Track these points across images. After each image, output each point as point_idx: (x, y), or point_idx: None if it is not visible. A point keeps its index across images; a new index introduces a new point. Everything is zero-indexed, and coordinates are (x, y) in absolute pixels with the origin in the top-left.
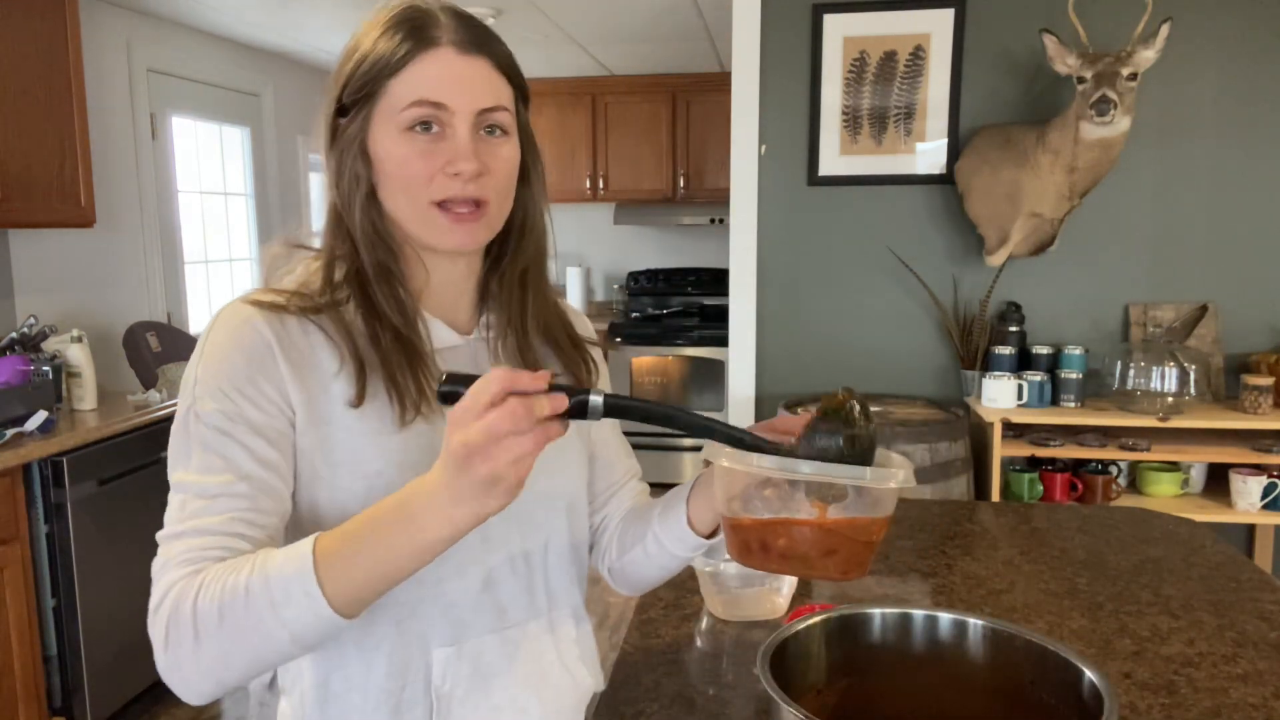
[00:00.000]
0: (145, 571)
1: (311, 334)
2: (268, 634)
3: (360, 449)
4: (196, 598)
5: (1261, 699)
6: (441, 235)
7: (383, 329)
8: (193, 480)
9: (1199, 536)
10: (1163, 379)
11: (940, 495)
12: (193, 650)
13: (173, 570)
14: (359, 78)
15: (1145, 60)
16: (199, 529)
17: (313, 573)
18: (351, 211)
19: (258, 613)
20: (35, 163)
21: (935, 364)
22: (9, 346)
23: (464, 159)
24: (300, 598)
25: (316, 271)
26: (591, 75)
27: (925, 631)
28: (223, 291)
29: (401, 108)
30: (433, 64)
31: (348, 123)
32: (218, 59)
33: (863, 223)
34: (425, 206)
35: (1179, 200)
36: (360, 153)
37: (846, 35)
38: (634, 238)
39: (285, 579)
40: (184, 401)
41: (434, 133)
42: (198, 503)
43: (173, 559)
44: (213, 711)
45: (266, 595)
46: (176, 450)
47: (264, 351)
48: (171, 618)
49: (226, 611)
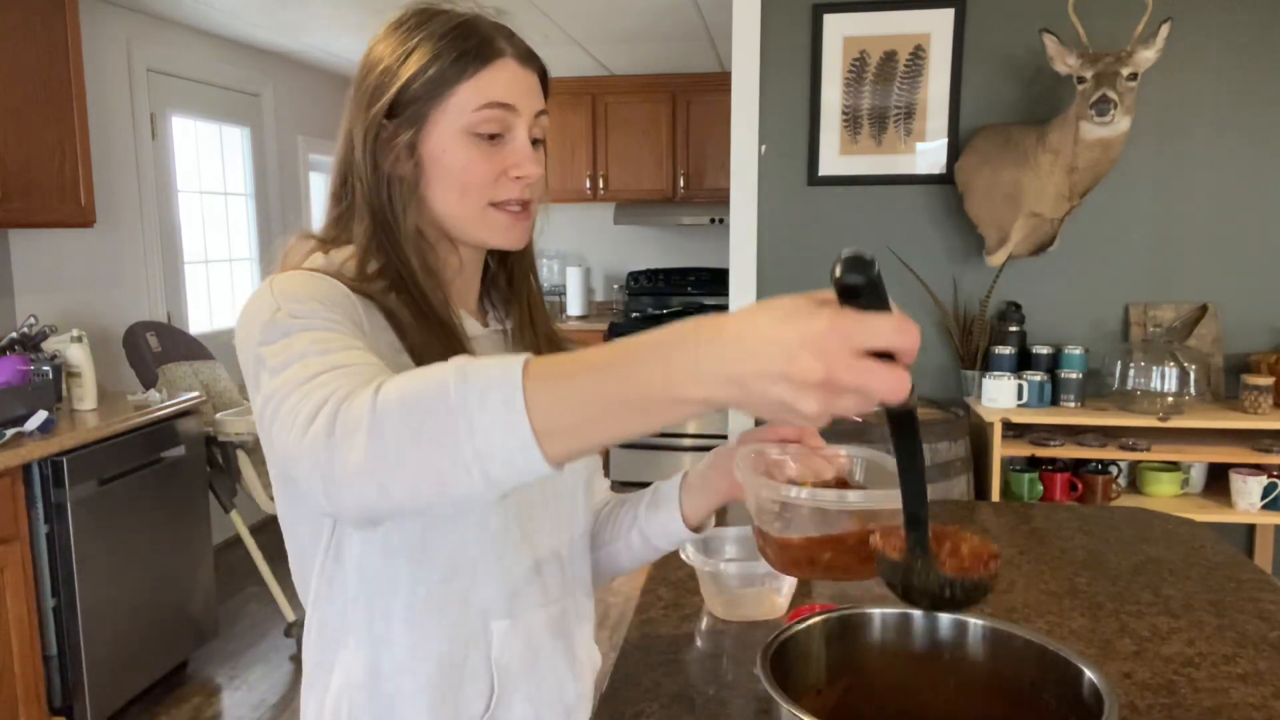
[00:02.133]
0: (145, 571)
1: (371, 308)
2: (454, 443)
3: None
4: (377, 396)
5: (1261, 699)
6: (500, 233)
7: (427, 316)
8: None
9: (1199, 536)
10: (1163, 379)
11: (940, 495)
12: (366, 439)
13: (333, 381)
14: (422, 80)
15: (1145, 60)
16: (346, 369)
17: (519, 379)
18: (397, 212)
19: (449, 421)
20: (35, 163)
21: (935, 364)
22: (9, 346)
23: (530, 163)
24: (499, 409)
25: (346, 263)
26: (591, 75)
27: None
28: (223, 291)
29: (472, 109)
30: (502, 71)
31: (398, 125)
32: (218, 59)
33: (863, 223)
34: (483, 207)
35: (1179, 200)
36: (409, 155)
37: (846, 35)
38: (634, 238)
39: (486, 378)
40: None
41: (495, 139)
42: (328, 350)
43: (326, 377)
44: (213, 711)
45: (462, 397)
46: (270, 339)
47: (346, 300)
48: (343, 409)
49: (410, 400)
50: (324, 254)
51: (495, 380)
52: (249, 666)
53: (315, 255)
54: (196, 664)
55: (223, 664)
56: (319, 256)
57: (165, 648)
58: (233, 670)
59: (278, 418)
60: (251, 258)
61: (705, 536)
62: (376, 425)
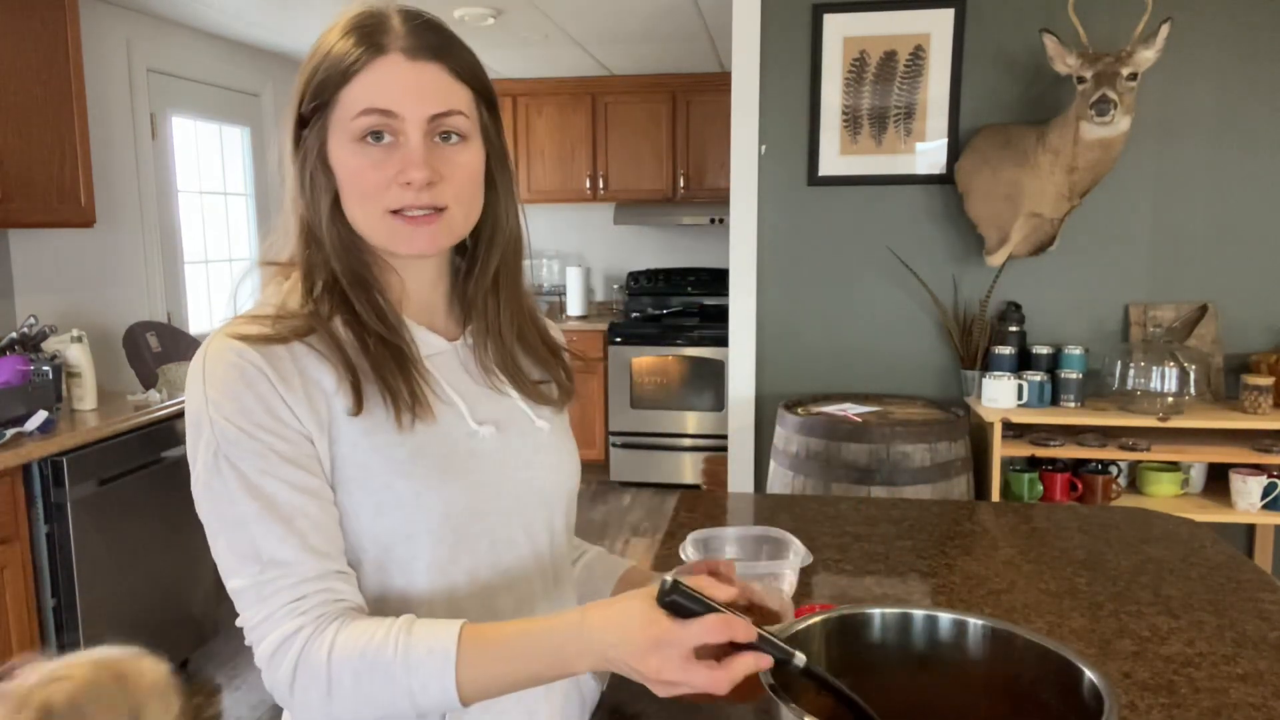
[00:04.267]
0: (145, 571)
1: (303, 356)
2: (397, 708)
3: (366, 461)
4: (331, 655)
5: (1261, 699)
6: (402, 241)
7: (369, 336)
8: (253, 524)
9: (1199, 536)
10: (1163, 379)
11: (940, 495)
12: (324, 701)
13: (288, 622)
14: (314, 87)
15: (1145, 60)
16: (286, 574)
17: (453, 673)
18: (319, 222)
19: (394, 692)
20: (35, 163)
21: (935, 364)
22: (9, 346)
23: (415, 167)
24: (436, 691)
25: (294, 285)
26: (591, 75)
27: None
28: (223, 292)
29: (352, 117)
30: (381, 71)
31: (308, 132)
32: (218, 59)
33: (863, 223)
34: (382, 215)
35: (1179, 200)
36: (321, 162)
37: (846, 35)
38: (634, 238)
39: (426, 674)
40: (204, 447)
41: (386, 142)
42: (268, 543)
43: (281, 613)
44: (213, 711)
45: (406, 682)
46: (216, 495)
47: (268, 388)
48: (300, 665)
49: (364, 680)
50: (284, 278)
51: (434, 675)
52: (249, 666)
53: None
54: (196, 664)
55: (223, 664)
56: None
57: (165, 648)
58: (233, 670)
59: (259, 628)
60: (251, 258)
61: (705, 536)
62: (335, 692)
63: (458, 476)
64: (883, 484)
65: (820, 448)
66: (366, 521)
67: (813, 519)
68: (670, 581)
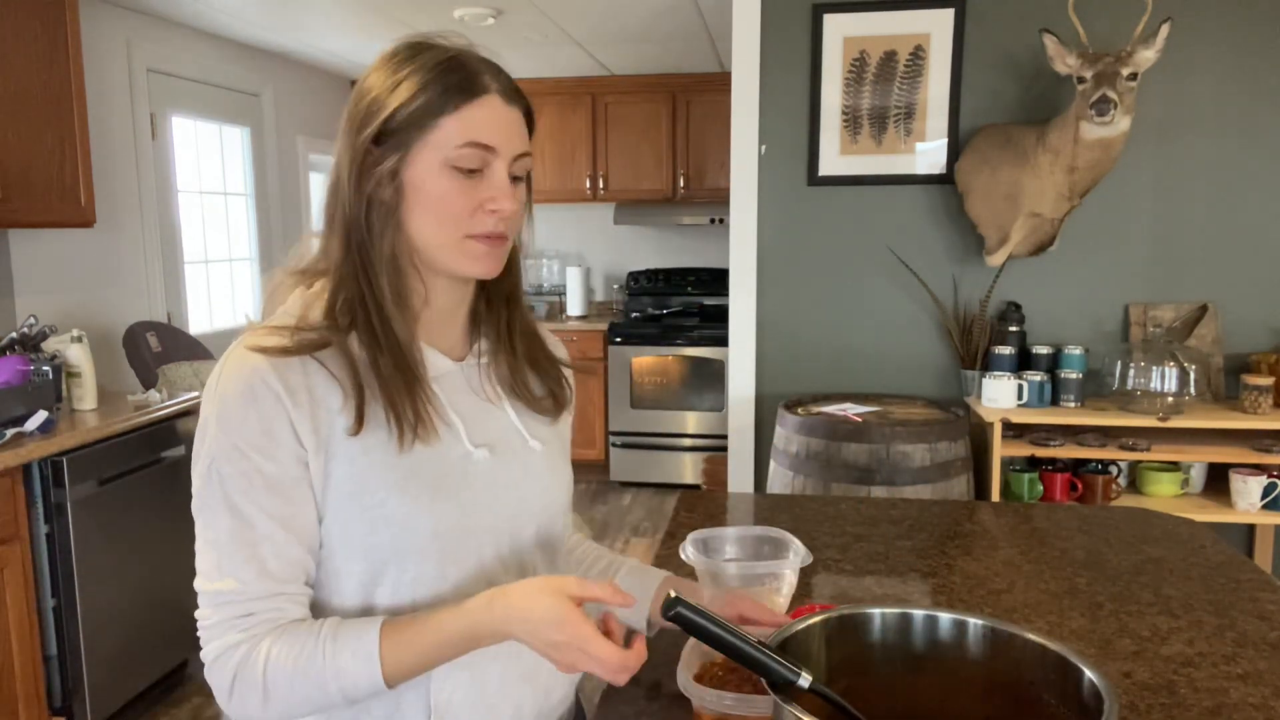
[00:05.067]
0: (145, 571)
1: (315, 372)
2: (329, 702)
3: (363, 478)
4: (266, 665)
5: (1261, 699)
6: (473, 262)
7: (383, 355)
8: (224, 540)
9: (1199, 536)
10: (1163, 379)
11: (940, 495)
12: (260, 706)
13: (230, 635)
14: (409, 110)
15: (1145, 60)
16: (242, 593)
17: (379, 667)
18: (375, 237)
19: (326, 692)
20: (35, 163)
21: (935, 364)
22: (9, 346)
23: (506, 199)
24: (365, 684)
25: (318, 296)
26: (591, 75)
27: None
28: (223, 291)
29: (455, 146)
30: (485, 108)
31: (384, 151)
32: (218, 59)
33: (863, 223)
34: (460, 238)
35: (1179, 200)
36: (392, 180)
37: (846, 35)
38: (634, 238)
39: (355, 673)
40: (204, 454)
41: (473, 173)
42: (232, 562)
43: (226, 624)
44: (213, 711)
45: (337, 685)
46: (204, 503)
47: (276, 405)
48: (239, 675)
49: (297, 687)
50: (299, 292)
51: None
52: None
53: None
54: (196, 664)
55: None
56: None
57: (165, 648)
58: None
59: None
60: (251, 258)
61: (704, 537)
62: (271, 698)
63: (449, 497)
64: (883, 484)
65: (820, 448)
66: (359, 538)
67: (813, 519)
68: (674, 597)
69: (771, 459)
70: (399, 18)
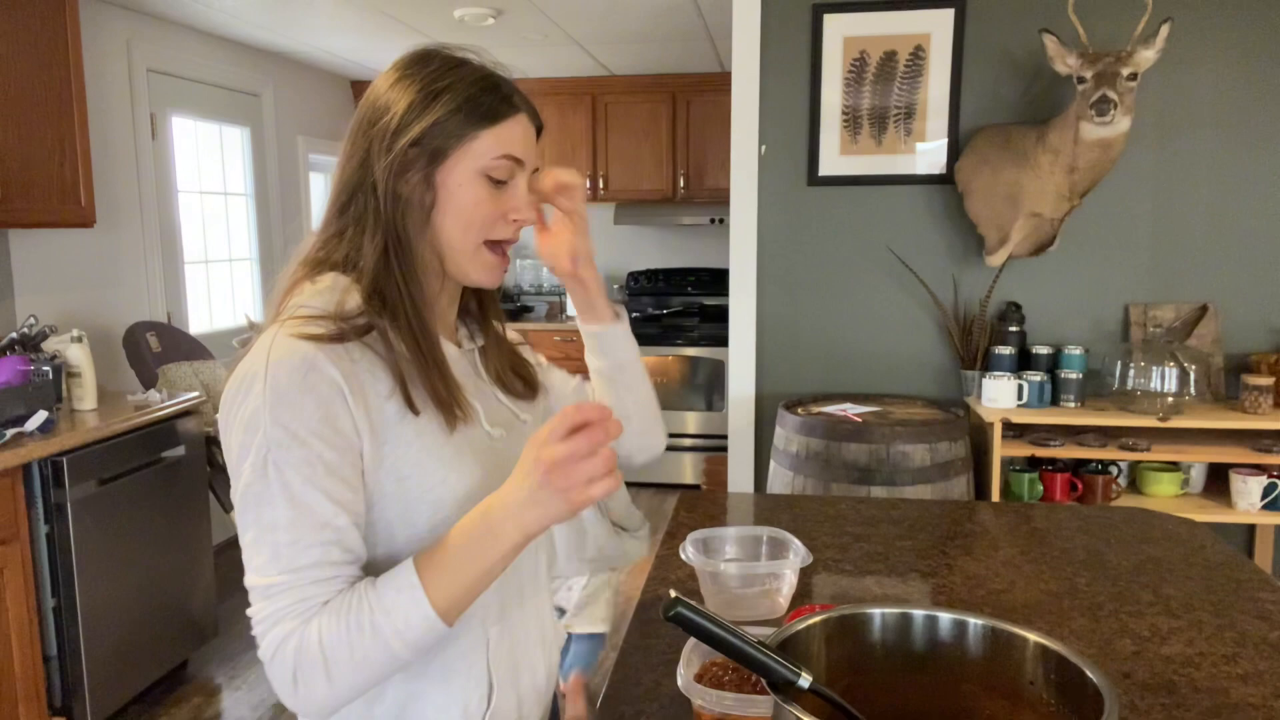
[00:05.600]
0: (145, 571)
1: (366, 358)
2: (392, 655)
3: (421, 461)
4: (320, 639)
5: (1261, 699)
6: (485, 272)
7: (418, 343)
8: (283, 530)
9: (1199, 536)
10: (1163, 379)
11: (940, 495)
12: (327, 684)
13: (286, 622)
14: (454, 119)
15: (1145, 60)
16: (298, 581)
17: (424, 596)
18: (411, 234)
19: (384, 641)
20: (35, 163)
21: (935, 364)
22: (9, 346)
23: (528, 209)
24: (418, 621)
25: (349, 288)
26: (591, 75)
27: (925, 631)
28: (223, 291)
29: (492, 156)
30: (519, 125)
31: (420, 153)
32: (218, 59)
33: (863, 223)
34: (478, 245)
35: (1179, 200)
36: (426, 182)
37: (846, 35)
38: (634, 238)
39: (404, 610)
40: (254, 446)
41: (500, 184)
42: (292, 550)
43: (281, 611)
44: (213, 711)
45: (390, 626)
46: (257, 497)
47: (332, 391)
48: (299, 661)
49: (355, 645)
50: (312, 283)
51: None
52: (249, 666)
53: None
54: (196, 664)
55: (223, 664)
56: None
57: (165, 648)
58: (233, 670)
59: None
60: (252, 258)
61: (704, 537)
62: (334, 671)
63: (486, 475)
64: (883, 484)
65: (820, 448)
66: (423, 518)
67: (813, 519)
68: (674, 597)
69: (771, 459)
70: (399, 18)
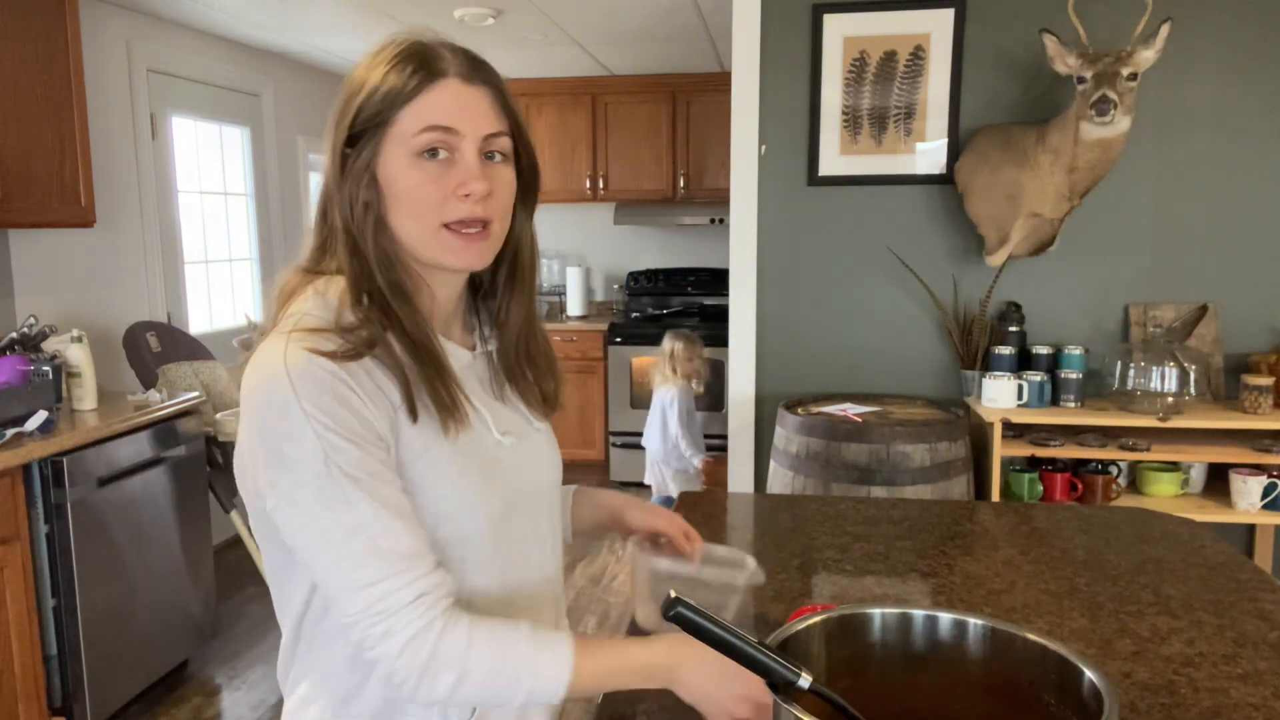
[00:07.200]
0: (145, 571)
1: (374, 370)
2: (511, 700)
3: (426, 471)
4: (470, 650)
5: (1261, 699)
6: (453, 255)
7: (413, 348)
8: (369, 526)
9: (1199, 536)
10: (1163, 379)
11: (940, 495)
12: (452, 687)
13: (416, 619)
14: (370, 107)
15: (1145, 60)
16: (401, 575)
17: (568, 679)
18: (365, 238)
19: (517, 691)
20: (35, 163)
21: (935, 364)
22: (9, 346)
23: (475, 179)
24: (550, 693)
25: (341, 297)
26: (591, 75)
27: (925, 631)
28: (223, 291)
29: (414, 134)
30: (442, 92)
31: (356, 152)
32: (218, 59)
33: (863, 223)
34: (435, 229)
35: (1179, 200)
36: (370, 180)
37: (846, 35)
38: (634, 238)
39: (547, 678)
40: (308, 456)
41: (442, 159)
42: (387, 541)
43: (402, 610)
44: (213, 711)
45: (532, 684)
46: (328, 502)
47: (358, 402)
48: (436, 655)
49: (497, 675)
50: (314, 289)
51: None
52: (249, 666)
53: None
54: (196, 664)
55: (223, 664)
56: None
57: (165, 648)
58: (233, 670)
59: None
60: (252, 258)
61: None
62: (465, 682)
63: (491, 482)
64: (883, 484)
65: (820, 448)
66: (427, 529)
67: (813, 519)
68: (674, 597)
69: (771, 459)
70: (399, 18)
